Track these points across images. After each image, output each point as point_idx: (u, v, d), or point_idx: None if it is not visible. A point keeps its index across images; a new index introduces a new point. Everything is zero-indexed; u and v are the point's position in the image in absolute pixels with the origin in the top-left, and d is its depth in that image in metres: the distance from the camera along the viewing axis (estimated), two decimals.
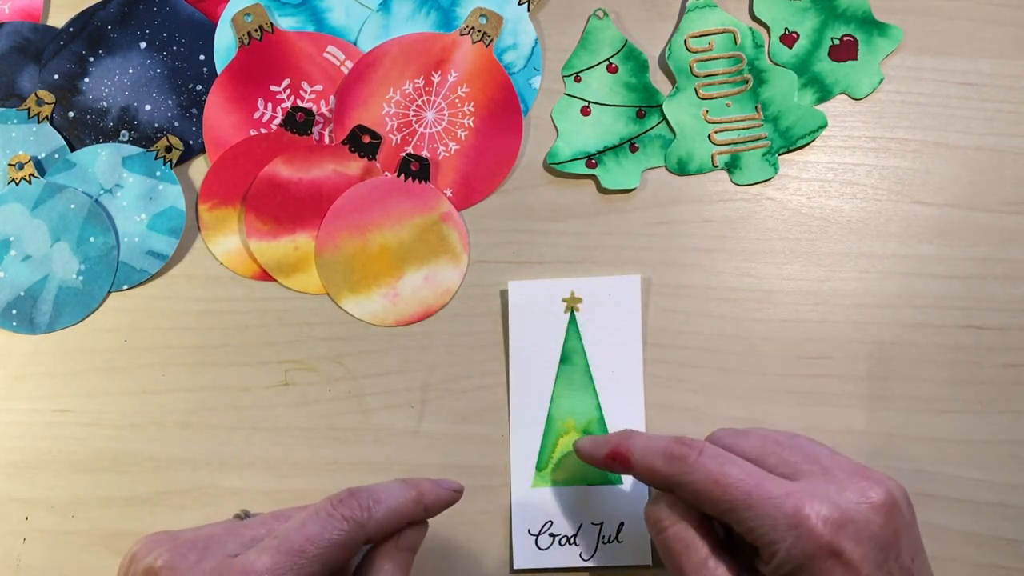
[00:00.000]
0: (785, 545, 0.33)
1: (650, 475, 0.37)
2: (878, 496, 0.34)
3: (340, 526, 0.34)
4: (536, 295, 0.46)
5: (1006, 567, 0.43)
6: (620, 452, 0.38)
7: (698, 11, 0.49)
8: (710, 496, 0.34)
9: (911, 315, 0.46)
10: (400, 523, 0.36)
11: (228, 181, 0.48)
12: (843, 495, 0.34)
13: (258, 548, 0.33)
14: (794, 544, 0.33)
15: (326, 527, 0.33)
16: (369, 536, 0.35)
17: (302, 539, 0.33)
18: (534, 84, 0.50)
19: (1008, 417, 0.45)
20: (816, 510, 0.33)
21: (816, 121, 0.48)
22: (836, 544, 0.32)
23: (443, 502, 0.37)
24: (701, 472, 0.35)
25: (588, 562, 0.43)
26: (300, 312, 0.47)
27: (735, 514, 0.34)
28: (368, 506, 0.35)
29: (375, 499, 0.35)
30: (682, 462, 0.35)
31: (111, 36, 0.50)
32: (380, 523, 0.35)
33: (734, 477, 0.34)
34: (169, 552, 0.33)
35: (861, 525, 0.33)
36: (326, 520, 0.34)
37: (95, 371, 0.47)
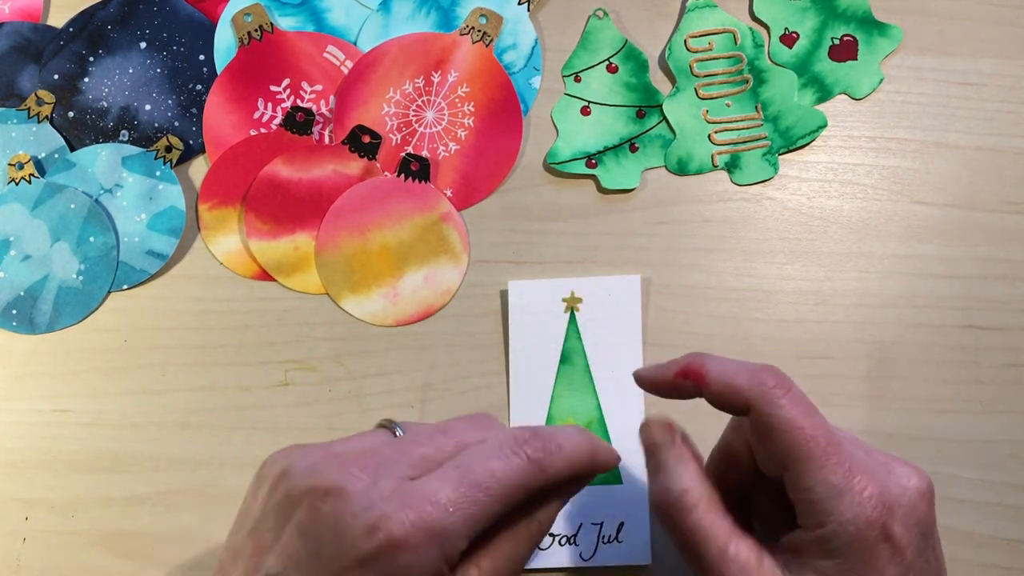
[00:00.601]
0: (842, 517, 0.31)
1: (729, 395, 0.34)
2: (922, 483, 0.33)
3: (524, 466, 0.31)
4: (536, 295, 0.46)
5: (1006, 567, 0.43)
6: (693, 368, 0.35)
7: (698, 11, 0.49)
8: (787, 439, 0.32)
9: (911, 315, 0.46)
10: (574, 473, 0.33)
11: (228, 181, 0.49)
12: (892, 478, 0.33)
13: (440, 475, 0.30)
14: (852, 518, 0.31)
15: (511, 465, 0.31)
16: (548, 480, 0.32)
17: (487, 475, 0.30)
18: (534, 84, 0.50)
19: (1008, 417, 0.45)
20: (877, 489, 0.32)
21: (816, 121, 0.48)
22: (888, 527, 0.32)
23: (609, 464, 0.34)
24: (788, 411, 0.33)
25: (588, 562, 0.43)
26: (300, 312, 0.47)
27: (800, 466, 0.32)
28: (552, 450, 0.32)
29: (557, 443, 0.32)
30: (773, 391, 0.33)
31: (111, 36, 0.50)
32: (560, 471, 0.32)
33: (817, 431, 0.32)
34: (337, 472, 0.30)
35: (909, 510, 0.32)
36: (510, 457, 0.31)
37: (95, 371, 0.47)
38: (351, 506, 0.29)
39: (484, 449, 0.31)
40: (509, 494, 0.30)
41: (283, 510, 0.30)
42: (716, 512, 0.34)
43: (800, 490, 0.32)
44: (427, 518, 0.29)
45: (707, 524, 0.33)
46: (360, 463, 0.30)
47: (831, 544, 0.32)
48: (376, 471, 0.30)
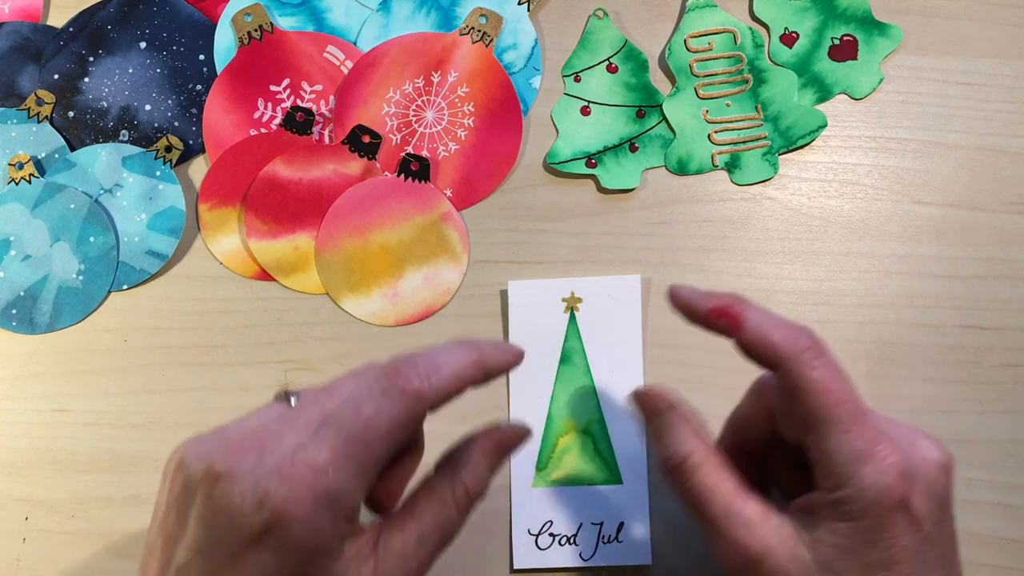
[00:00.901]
0: (861, 482, 0.31)
1: (762, 348, 0.34)
2: (943, 457, 0.33)
3: (399, 402, 0.31)
4: (536, 295, 0.46)
5: (1006, 567, 0.43)
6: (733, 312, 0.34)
7: (698, 11, 0.49)
8: (815, 401, 0.32)
9: (911, 315, 0.46)
10: (461, 388, 0.33)
11: (228, 181, 0.49)
12: (915, 450, 0.33)
13: (316, 440, 0.30)
14: (871, 484, 0.31)
15: (383, 405, 0.31)
16: (431, 405, 0.32)
17: (360, 425, 0.30)
18: (534, 84, 0.50)
19: (1008, 417, 0.45)
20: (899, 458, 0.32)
21: (816, 121, 0.48)
22: (908, 496, 0.32)
23: (504, 366, 0.34)
24: (821, 372, 0.33)
25: (588, 562, 0.43)
26: (300, 312, 0.47)
27: (825, 428, 0.32)
28: (427, 374, 0.31)
29: (433, 365, 0.32)
30: (804, 352, 0.33)
31: (111, 36, 0.50)
32: (441, 392, 0.32)
33: (846, 395, 0.33)
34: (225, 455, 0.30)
35: (930, 482, 0.32)
36: (382, 397, 0.31)
37: (95, 371, 0.47)
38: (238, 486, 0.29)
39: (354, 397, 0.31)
40: (389, 436, 0.31)
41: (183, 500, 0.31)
42: (721, 471, 0.34)
43: (824, 452, 0.32)
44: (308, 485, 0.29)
45: (711, 483, 0.34)
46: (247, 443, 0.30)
47: (848, 507, 0.32)
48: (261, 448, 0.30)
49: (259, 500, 0.29)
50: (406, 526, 0.32)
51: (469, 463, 0.34)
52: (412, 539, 0.32)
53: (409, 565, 0.32)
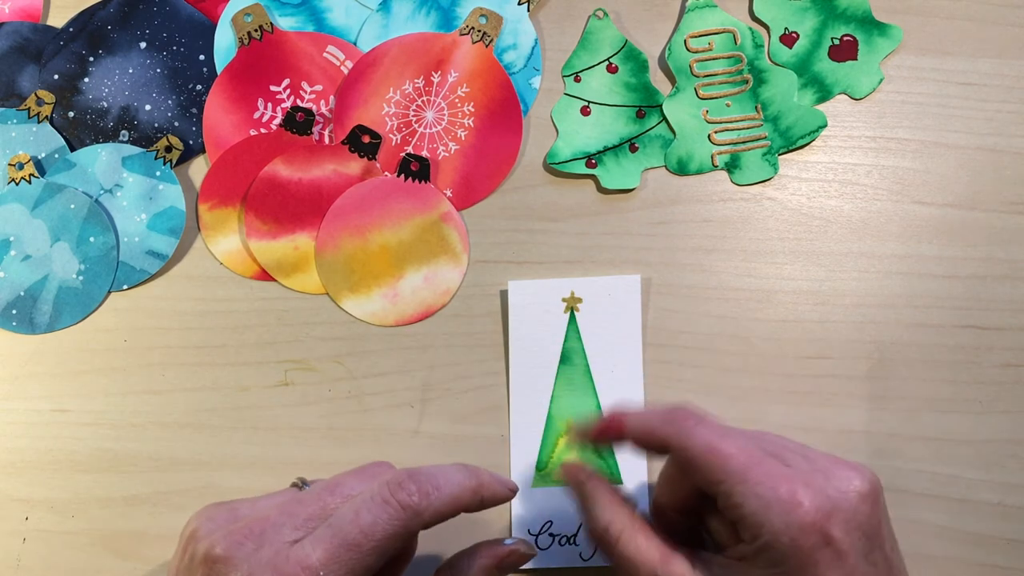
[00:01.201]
0: (773, 527, 0.32)
1: (645, 437, 0.36)
2: (864, 485, 0.33)
3: (397, 515, 0.32)
4: (536, 295, 0.46)
5: (1006, 567, 0.43)
6: (613, 420, 0.37)
7: (698, 11, 0.49)
8: (705, 465, 0.34)
9: (911, 315, 0.46)
10: (456, 512, 0.34)
11: (228, 181, 0.49)
12: (831, 483, 0.33)
13: (313, 539, 0.32)
14: (784, 528, 0.32)
15: (380, 516, 0.32)
16: (425, 524, 0.33)
17: (356, 531, 0.32)
18: (534, 84, 0.50)
19: (1008, 417, 0.45)
20: (809, 496, 0.32)
21: (816, 121, 0.48)
22: (827, 531, 0.32)
23: (499, 498, 0.35)
24: (700, 439, 0.34)
25: (588, 562, 0.43)
26: (300, 312, 0.47)
27: (725, 487, 0.33)
28: (427, 492, 0.33)
29: (435, 485, 0.33)
30: (682, 425, 0.35)
31: (111, 36, 0.50)
32: (437, 511, 0.33)
33: (733, 449, 0.34)
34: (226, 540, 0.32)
35: (850, 514, 0.32)
36: (381, 508, 0.32)
37: (95, 371, 0.47)
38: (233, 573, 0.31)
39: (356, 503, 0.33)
40: (381, 546, 0.32)
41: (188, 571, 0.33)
42: (642, 537, 0.35)
43: (731, 507, 0.33)
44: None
45: (633, 550, 0.35)
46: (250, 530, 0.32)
47: (769, 554, 0.32)
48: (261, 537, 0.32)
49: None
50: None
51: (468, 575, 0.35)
52: None
53: None
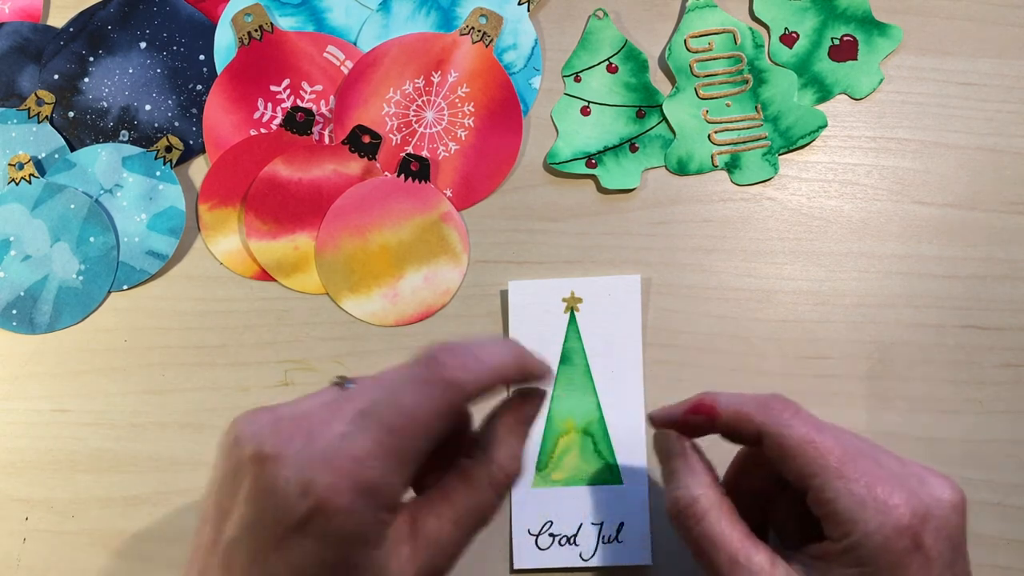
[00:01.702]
0: (867, 526, 0.31)
1: (738, 424, 0.35)
2: (955, 496, 0.33)
3: (442, 394, 0.31)
4: (536, 295, 0.46)
5: (1006, 567, 0.43)
6: (705, 403, 0.36)
7: (698, 11, 0.49)
8: (801, 457, 0.33)
9: (911, 315, 0.46)
10: (500, 382, 0.32)
11: (228, 181, 0.49)
12: (924, 489, 0.33)
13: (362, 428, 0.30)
14: (878, 527, 0.31)
15: (423, 397, 0.31)
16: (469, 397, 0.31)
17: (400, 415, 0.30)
18: (534, 84, 0.50)
19: (1008, 417, 0.45)
20: (905, 499, 0.32)
21: (816, 121, 0.48)
22: (919, 536, 0.31)
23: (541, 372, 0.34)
24: (797, 429, 0.33)
25: (588, 562, 0.43)
26: (300, 312, 0.47)
27: (819, 480, 0.32)
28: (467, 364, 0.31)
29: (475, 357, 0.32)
30: (779, 414, 0.34)
31: (111, 36, 0.50)
32: (481, 383, 0.31)
33: (831, 444, 0.33)
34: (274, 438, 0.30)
35: (942, 522, 0.32)
36: (424, 389, 0.31)
37: (95, 371, 0.47)
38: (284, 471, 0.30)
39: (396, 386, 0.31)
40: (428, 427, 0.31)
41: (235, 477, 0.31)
42: (728, 520, 0.34)
43: (823, 503, 0.33)
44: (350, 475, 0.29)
45: (717, 532, 0.34)
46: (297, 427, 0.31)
47: (858, 553, 0.32)
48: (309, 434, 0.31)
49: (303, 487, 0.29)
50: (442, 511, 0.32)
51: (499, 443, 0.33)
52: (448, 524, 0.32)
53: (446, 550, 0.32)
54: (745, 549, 0.33)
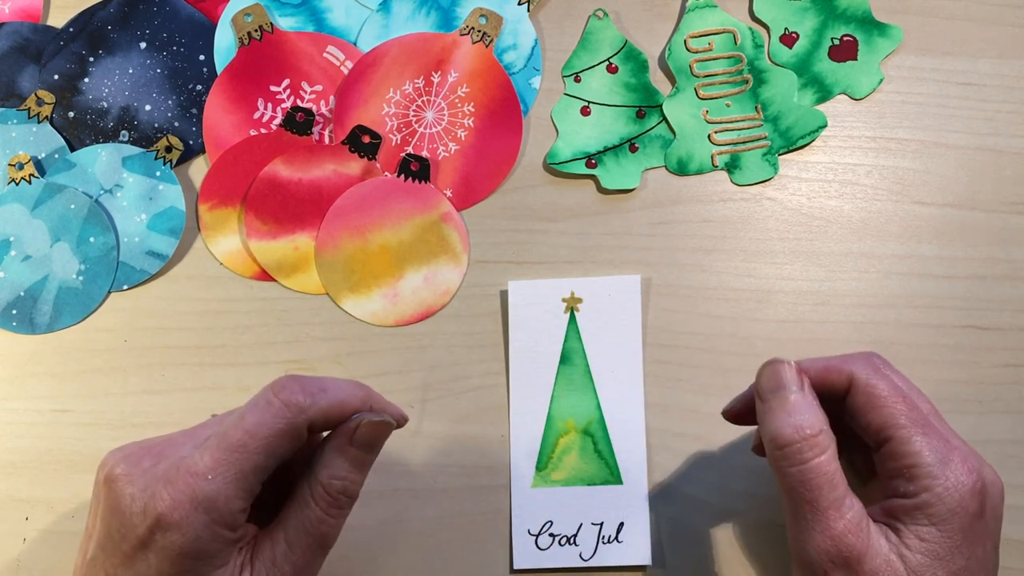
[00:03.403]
0: (946, 482, 0.32)
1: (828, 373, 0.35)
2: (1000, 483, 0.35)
3: (281, 413, 0.32)
4: (536, 295, 0.46)
5: (1006, 567, 0.43)
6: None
7: (698, 11, 0.49)
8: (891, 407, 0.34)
9: (911, 315, 0.46)
10: (343, 414, 0.34)
11: (228, 181, 0.49)
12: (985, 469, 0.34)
13: (202, 447, 0.32)
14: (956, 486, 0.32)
15: (265, 416, 0.32)
16: (312, 423, 0.33)
17: (241, 433, 0.32)
18: (534, 84, 0.50)
19: (1008, 417, 0.45)
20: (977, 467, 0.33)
21: (816, 121, 0.48)
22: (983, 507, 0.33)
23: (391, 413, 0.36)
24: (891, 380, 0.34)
25: (588, 562, 0.43)
26: (300, 312, 0.47)
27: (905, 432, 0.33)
28: (312, 392, 0.33)
29: (320, 387, 0.34)
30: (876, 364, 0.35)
31: (111, 36, 0.50)
32: (323, 410, 0.33)
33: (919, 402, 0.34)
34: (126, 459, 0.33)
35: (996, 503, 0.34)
36: (265, 408, 0.32)
37: (95, 371, 0.47)
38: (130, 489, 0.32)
39: (241, 410, 0.33)
40: (268, 445, 0.32)
41: (94, 500, 0.34)
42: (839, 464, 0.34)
43: (904, 455, 0.33)
44: (188, 489, 0.31)
45: (833, 469, 0.34)
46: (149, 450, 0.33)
47: (934, 509, 0.33)
48: (159, 456, 0.33)
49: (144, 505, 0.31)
50: (275, 534, 0.34)
51: (323, 461, 0.35)
52: (280, 546, 0.34)
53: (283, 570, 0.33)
54: (850, 496, 0.34)
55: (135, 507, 0.32)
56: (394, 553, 0.44)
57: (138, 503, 0.32)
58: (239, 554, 0.33)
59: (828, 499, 0.33)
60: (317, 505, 0.34)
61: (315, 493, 0.34)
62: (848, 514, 0.33)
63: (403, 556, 0.44)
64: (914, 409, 0.34)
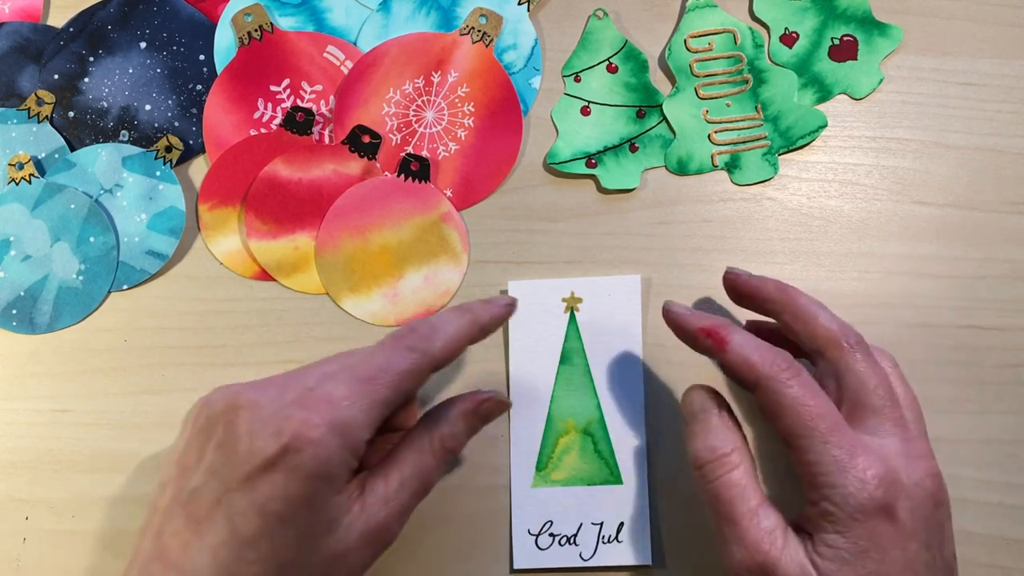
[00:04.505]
0: (842, 491, 0.33)
1: (742, 368, 0.36)
2: (934, 486, 0.35)
3: (407, 355, 0.35)
4: (536, 295, 0.46)
5: (1006, 567, 0.43)
6: (720, 333, 0.37)
7: (698, 11, 0.49)
8: (794, 416, 0.34)
9: (911, 315, 0.46)
10: (462, 345, 0.37)
11: (228, 181, 0.49)
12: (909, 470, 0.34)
13: (334, 379, 0.34)
14: (853, 493, 0.33)
15: (393, 356, 0.35)
16: (435, 362, 0.36)
17: (372, 368, 0.34)
18: (534, 84, 0.50)
19: (1008, 417, 0.45)
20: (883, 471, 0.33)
21: (816, 121, 0.48)
22: (893, 508, 0.33)
23: (498, 319, 0.38)
24: (796, 390, 0.35)
25: (588, 562, 0.44)
26: (300, 312, 0.47)
27: (805, 442, 0.34)
28: (428, 335, 0.36)
29: (433, 328, 0.36)
30: (784, 372, 0.35)
31: (111, 36, 0.50)
32: (444, 348, 0.36)
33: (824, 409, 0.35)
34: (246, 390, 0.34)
35: (917, 503, 0.34)
36: (391, 351, 0.35)
37: (95, 371, 0.47)
38: (261, 413, 0.33)
39: (369, 350, 0.35)
40: (398, 381, 0.34)
41: (205, 433, 0.34)
42: (753, 479, 0.36)
43: (805, 463, 0.34)
44: (325, 414, 0.32)
45: (745, 483, 0.35)
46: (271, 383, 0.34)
47: (835, 517, 0.33)
48: (284, 386, 0.34)
49: (279, 426, 0.32)
50: (388, 473, 0.35)
51: (448, 419, 0.37)
52: (393, 484, 0.35)
53: (391, 508, 0.35)
54: (764, 508, 0.35)
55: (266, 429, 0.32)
56: (394, 553, 0.44)
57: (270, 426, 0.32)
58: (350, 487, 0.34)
59: (740, 511, 0.35)
60: (434, 455, 0.36)
61: (433, 444, 0.36)
62: (763, 523, 0.34)
63: (403, 556, 0.44)
64: (820, 416, 0.34)
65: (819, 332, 0.38)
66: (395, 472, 0.35)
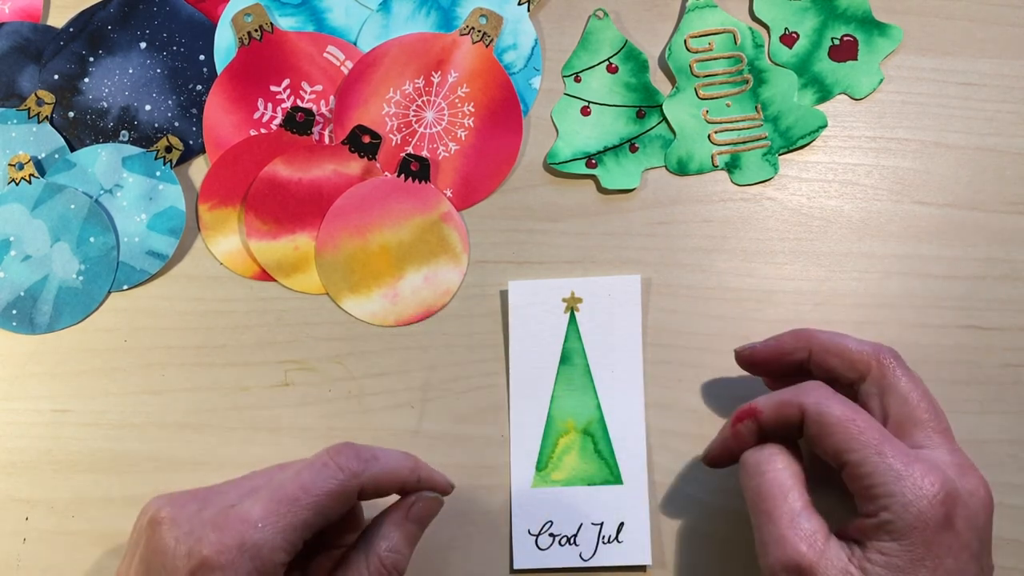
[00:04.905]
0: (903, 498, 0.33)
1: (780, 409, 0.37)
2: (987, 496, 0.35)
3: (335, 475, 0.34)
4: (536, 295, 0.46)
5: (1006, 567, 0.43)
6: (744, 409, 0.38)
7: (698, 11, 0.49)
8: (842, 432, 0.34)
9: (911, 315, 0.46)
10: (394, 485, 0.36)
11: (228, 181, 0.49)
12: (963, 480, 0.34)
13: (253, 497, 0.33)
14: (913, 500, 0.33)
15: (320, 475, 0.34)
16: (363, 489, 0.35)
17: (296, 487, 0.33)
18: (534, 84, 0.50)
19: (1008, 417, 0.45)
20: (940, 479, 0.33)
21: (816, 121, 0.48)
22: (952, 517, 0.33)
23: (437, 484, 0.38)
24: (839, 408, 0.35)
25: (588, 562, 0.43)
26: (300, 312, 0.47)
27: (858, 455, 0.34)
28: (365, 459, 0.35)
29: (372, 455, 0.35)
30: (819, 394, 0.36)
31: (111, 36, 0.50)
32: (374, 477, 0.35)
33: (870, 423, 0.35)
34: (171, 504, 0.34)
35: (972, 514, 0.34)
36: (320, 469, 0.34)
37: (95, 371, 0.47)
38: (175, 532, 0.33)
39: (297, 466, 0.35)
40: (320, 502, 0.33)
41: (134, 545, 0.35)
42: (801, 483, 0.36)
43: (859, 477, 0.34)
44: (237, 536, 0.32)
45: (792, 484, 0.35)
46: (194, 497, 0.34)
47: (893, 526, 0.33)
48: (205, 501, 0.34)
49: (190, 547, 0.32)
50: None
51: (381, 534, 0.36)
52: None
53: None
54: (808, 511, 0.35)
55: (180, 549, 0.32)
56: None
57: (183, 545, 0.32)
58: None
59: (782, 510, 0.35)
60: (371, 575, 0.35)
61: (371, 564, 0.35)
62: (804, 525, 0.34)
63: None
64: (868, 430, 0.34)
65: (855, 358, 0.38)
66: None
